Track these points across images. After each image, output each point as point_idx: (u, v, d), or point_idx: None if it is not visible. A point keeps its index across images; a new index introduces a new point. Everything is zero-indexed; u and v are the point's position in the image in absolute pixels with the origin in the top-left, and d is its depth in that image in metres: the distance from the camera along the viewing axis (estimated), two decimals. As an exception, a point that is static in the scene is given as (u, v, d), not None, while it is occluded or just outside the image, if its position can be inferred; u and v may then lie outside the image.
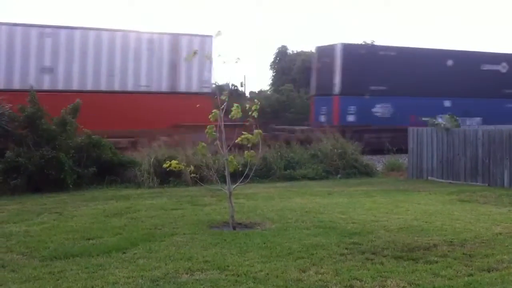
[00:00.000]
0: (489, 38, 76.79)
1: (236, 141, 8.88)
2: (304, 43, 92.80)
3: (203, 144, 8.98)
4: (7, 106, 14.61)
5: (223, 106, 8.69)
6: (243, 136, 8.83)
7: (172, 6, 72.19)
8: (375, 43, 31.35)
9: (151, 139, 17.54)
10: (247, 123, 8.77)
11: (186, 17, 74.37)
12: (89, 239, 7.89)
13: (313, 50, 34.04)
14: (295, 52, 51.78)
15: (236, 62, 8.56)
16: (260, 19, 76.90)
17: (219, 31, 8.65)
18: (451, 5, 75.65)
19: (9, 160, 13.31)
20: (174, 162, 9.09)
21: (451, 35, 74.61)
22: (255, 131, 8.81)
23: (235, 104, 8.62)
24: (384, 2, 73.52)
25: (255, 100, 8.85)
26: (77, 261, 6.67)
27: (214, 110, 8.67)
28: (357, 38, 64.06)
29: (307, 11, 76.12)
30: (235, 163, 8.97)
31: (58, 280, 5.93)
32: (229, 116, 8.66)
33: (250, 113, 8.71)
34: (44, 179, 13.48)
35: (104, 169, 14.78)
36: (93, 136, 14.93)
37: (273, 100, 36.90)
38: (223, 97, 8.68)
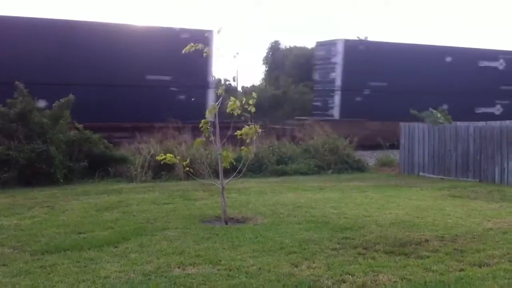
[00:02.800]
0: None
1: (236, 133, 8.85)
2: (296, 38, 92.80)
3: (200, 139, 8.93)
4: None
5: (219, 101, 8.66)
6: (241, 131, 8.80)
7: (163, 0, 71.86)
8: None
9: None
10: (243, 118, 8.72)
11: (179, 12, 74.02)
12: (80, 233, 7.85)
13: (306, 45, 34.41)
14: (287, 47, 51.79)
15: (235, 57, 8.52)
16: (252, 13, 76.74)
17: (220, 27, 8.61)
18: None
19: (-1, 154, 13.24)
20: (169, 155, 9.06)
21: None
22: (251, 125, 8.79)
23: (232, 98, 8.57)
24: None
25: (253, 94, 8.75)
26: (68, 255, 6.64)
27: (212, 104, 8.62)
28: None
29: (298, 6, 76.03)
30: (230, 157, 8.94)
31: (49, 274, 5.90)
32: (227, 111, 8.61)
33: (246, 107, 8.66)
34: (35, 172, 13.42)
35: (96, 163, 14.73)
36: (85, 131, 14.90)
37: (269, 95, 37.04)
38: (219, 91, 8.65)
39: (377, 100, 26.55)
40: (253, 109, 8.63)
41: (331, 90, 27.44)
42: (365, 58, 26.55)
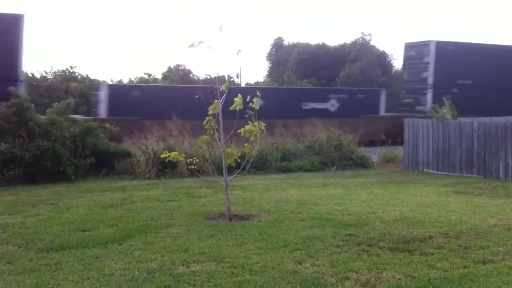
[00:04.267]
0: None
1: (239, 131, 8.85)
2: (299, 35, 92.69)
3: (205, 136, 8.92)
4: None
5: (222, 98, 8.65)
6: (245, 128, 8.79)
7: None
8: None
9: None
10: (247, 115, 8.70)
11: (182, 11, 73.84)
12: (85, 230, 7.87)
13: (309, 42, 34.83)
14: (291, 43, 51.74)
15: (238, 54, 8.50)
16: (255, 10, 76.59)
17: (222, 26, 8.60)
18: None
19: (5, 152, 13.28)
20: (173, 153, 9.08)
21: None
22: (255, 122, 8.78)
23: (238, 95, 8.57)
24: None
25: (257, 92, 8.73)
26: (73, 252, 6.66)
27: (216, 101, 8.61)
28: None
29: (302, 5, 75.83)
30: (235, 154, 8.93)
31: (54, 271, 5.92)
32: (230, 108, 8.60)
33: (251, 105, 8.65)
34: (40, 170, 13.46)
35: (101, 160, 14.76)
36: (85, 123, 14.97)
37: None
38: (222, 88, 8.64)
39: None
40: (257, 107, 8.61)
41: None
42: None
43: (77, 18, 66.44)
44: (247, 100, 8.56)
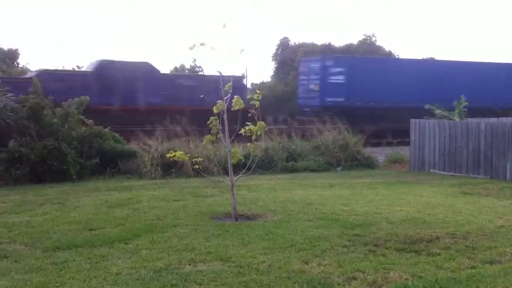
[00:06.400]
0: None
1: (240, 132, 8.85)
2: (305, 35, 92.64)
3: (209, 136, 8.94)
4: (10, 98, 14.65)
5: (226, 97, 8.66)
6: (247, 128, 8.80)
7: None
8: None
9: None
10: (250, 114, 8.71)
11: (185, 10, 73.88)
12: (91, 229, 7.90)
13: (315, 42, 33.95)
14: (297, 43, 51.76)
15: (240, 53, 8.52)
16: (261, 11, 76.59)
17: (225, 24, 8.62)
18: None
19: (12, 151, 13.33)
20: (178, 152, 9.10)
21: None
22: (258, 122, 8.78)
23: (235, 96, 8.59)
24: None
25: (257, 90, 8.80)
26: (79, 251, 6.68)
27: (219, 101, 8.63)
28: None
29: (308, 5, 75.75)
30: (238, 155, 8.95)
31: (61, 270, 5.94)
32: (231, 108, 8.62)
33: (251, 103, 8.66)
34: (46, 169, 13.49)
35: (107, 160, 14.80)
36: (96, 127, 14.98)
37: (279, 91, 37.13)
38: (226, 88, 8.65)
39: None
40: (257, 104, 8.61)
41: None
42: None
43: (78, 19, 66.62)
44: None
